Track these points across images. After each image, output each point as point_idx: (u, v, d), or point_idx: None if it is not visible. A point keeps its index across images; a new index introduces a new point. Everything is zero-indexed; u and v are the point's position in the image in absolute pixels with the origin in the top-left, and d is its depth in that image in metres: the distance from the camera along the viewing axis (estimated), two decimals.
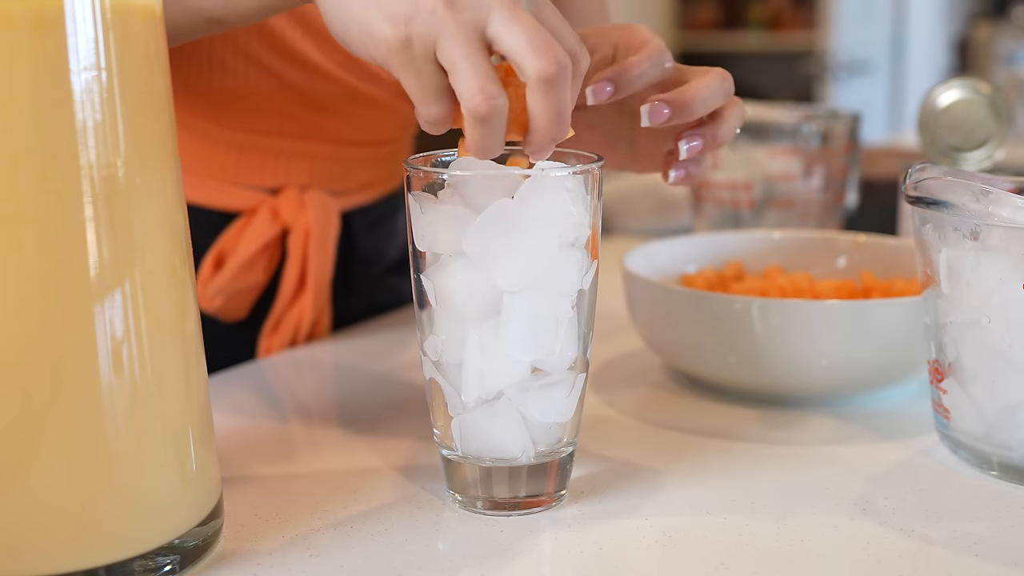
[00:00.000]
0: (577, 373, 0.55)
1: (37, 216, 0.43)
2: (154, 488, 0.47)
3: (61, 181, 0.43)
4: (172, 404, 0.48)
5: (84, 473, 0.45)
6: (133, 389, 0.46)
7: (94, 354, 0.45)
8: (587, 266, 0.54)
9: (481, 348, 0.52)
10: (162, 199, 0.47)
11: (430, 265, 0.53)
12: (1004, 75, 2.18)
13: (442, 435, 0.55)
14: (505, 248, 0.51)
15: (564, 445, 0.56)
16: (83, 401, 0.45)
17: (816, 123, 1.05)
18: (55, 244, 0.44)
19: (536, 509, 0.55)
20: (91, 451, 0.45)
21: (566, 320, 0.53)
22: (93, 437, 0.45)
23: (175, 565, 0.49)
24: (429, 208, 0.53)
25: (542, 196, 0.51)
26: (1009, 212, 0.55)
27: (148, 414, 0.47)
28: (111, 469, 0.46)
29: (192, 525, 0.49)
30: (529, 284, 0.52)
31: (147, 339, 0.46)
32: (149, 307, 0.46)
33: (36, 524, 0.45)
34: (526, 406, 0.53)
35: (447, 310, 0.53)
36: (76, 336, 0.44)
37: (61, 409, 0.44)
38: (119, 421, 0.46)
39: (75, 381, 0.44)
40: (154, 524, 0.48)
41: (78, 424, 0.45)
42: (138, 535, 0.47)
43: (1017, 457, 0.58)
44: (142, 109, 0.46)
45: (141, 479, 0.47)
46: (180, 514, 0.49)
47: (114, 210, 0.45)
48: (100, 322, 0.45)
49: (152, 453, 0.47)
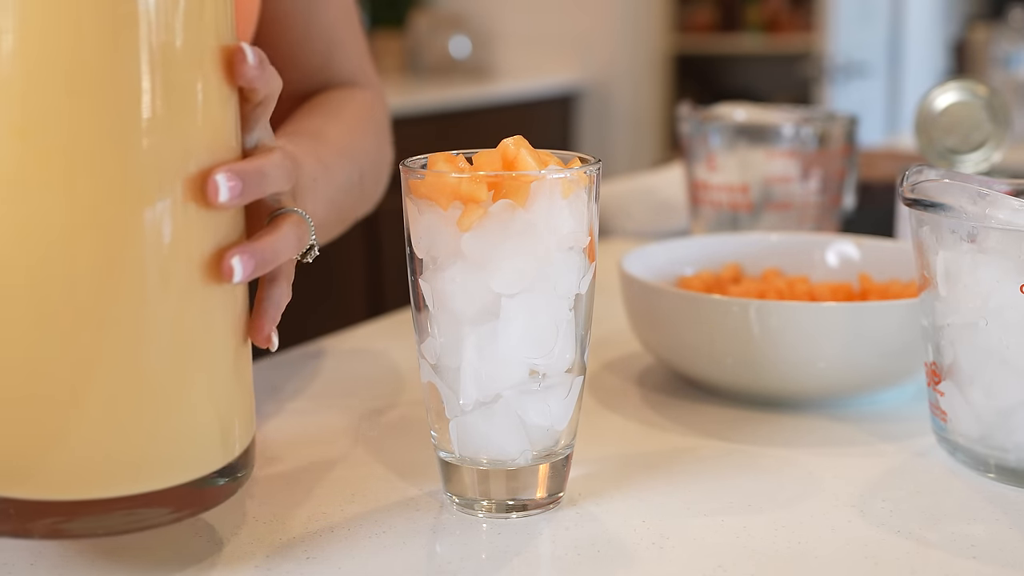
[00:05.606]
0: (575, 376, 0.55)
1: (96, 113, 0.44)
2: (198, 416, 0.48)
3: (121, 70, 0.44)
4: (219, 320, 0.48)
5: (133, 397, 0.46)
6: (180, 305, 0.46)
7: (143, 260, 0.45)
8: (585, 269, 0.54)
9: (479, 351, 0.52)
10: (221, 98, 0.48)
11: (427, 268, 0.53)
12: (1001, 77, 2.18)
13: (440, 438, 0.55)
14: (503, 252, 0.51)
15: (562, 447, 0.56)
16: (135, 316, 0.45)
17: (813, 125, 1.05)
18: (109, 134, 0.44)
19: (534, 511, 0.55)
20: (140, 375, 0.46)
21: (564, 323, 0.53)
22: (141, 361, 0.46)
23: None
24: (426, 211, 0.53)
25: (540, 200, 0.51)
26: (1006, 214, 0.55)
27: (194, 331, 0.47)
28: (160, 393, 0.46)
29: (232, 458, 0.50)
30: (527, 288, 0.52)
31: (197, 245, 0.47)
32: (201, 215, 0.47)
33: (93, 448, 0.45)
34: (524, 408, 0.53)
35: (445, 313, 0.53)
36: (131, 240, 0.45)
37: (112, 328, 0.45)
38: (165, 340, 0.46)
39: (126, 296, 0.45)
40: (200, 453, 0.48)
41: (126, 347, 0.45)
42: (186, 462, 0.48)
43: (1014, 459, 0.58)
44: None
45: (185, 406, 0.47)
46: (221, 445, 0.49)
47: (172, 108, 0.45)
48: (151, 221, 0.45)
49: (193, 383, 0.48)
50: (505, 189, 0.51)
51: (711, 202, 1.06)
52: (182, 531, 0.53)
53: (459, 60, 3.48)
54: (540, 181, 0.51)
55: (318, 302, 2.14)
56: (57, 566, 0.51)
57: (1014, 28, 2.35)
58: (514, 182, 0.51)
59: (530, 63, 3.49)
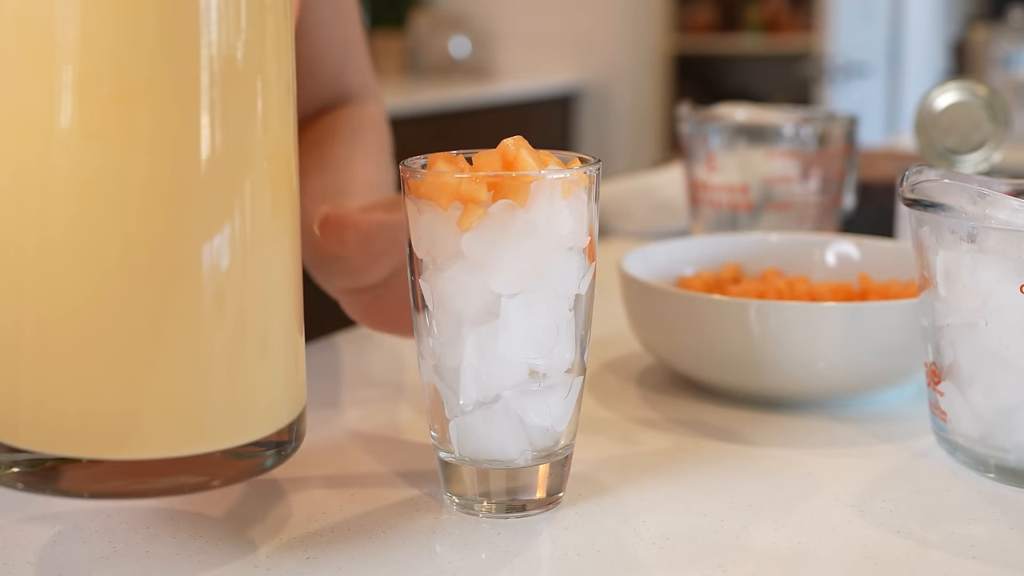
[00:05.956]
0: (575, 376, 0.55)
1: (153, 95, 0.45)
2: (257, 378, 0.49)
3: (183, 57, 0.45)
4: (275, 290, 0.50)
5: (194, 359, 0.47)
6: (244, 280, 0.48)
7: (201, 238, 0.46)
8: (585, 269, 0.54)
9: (479, 351, 0.53)
10: (280, 81, 0.49)
11: (427, 269, 0.53)
12: (1001, 77, 2.18)
13: (440, 438, 0.55)
14: (502, 252, 0.51)
15: (562, 447, 0.56)
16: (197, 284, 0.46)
17: (813, 126, 1.05)
18: (173, 122, 0.45)
19: (534, 512, 0.55)
20: (198, 339, 0.47)
21: (564, 323, 0.53)
22: (198, 329, 0.47)
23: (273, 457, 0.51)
24: (426, 211, 0.53)
25: (539, 200, 0.51)
26: (1006, 214, 0.55)
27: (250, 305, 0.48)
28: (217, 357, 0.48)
29: (286, 423, 0.51)
30: (526, 288, 0.52)
31: (252, 231, 0.48)
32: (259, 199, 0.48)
33: (150, 407, 0.46)
34: (524, 409, 0.53)
35: (445, 313, 0.53)
36: (189, 222, 0.46)
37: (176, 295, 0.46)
38: (227, 314, 0.47)
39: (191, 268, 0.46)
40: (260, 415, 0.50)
41: (186, 312, 0.46)
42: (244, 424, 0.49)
43: (1014, 459, 0.58)
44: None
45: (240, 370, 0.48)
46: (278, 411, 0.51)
47: (230, 91, 0.46)
48: (212, 204, 0.46)
49: (249, 345, 0.49)
50: (505, 189, 0.51)
51: (711, 202, 1.06)
52: (180, 531, 0.53)
53: (459, 60, 3.48)
54: (540, 181, 0.51)
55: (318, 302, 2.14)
56: (54, 566, 0.51)
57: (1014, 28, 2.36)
58: (514, 182, 0.51)
59: (530, 63, 3.49)
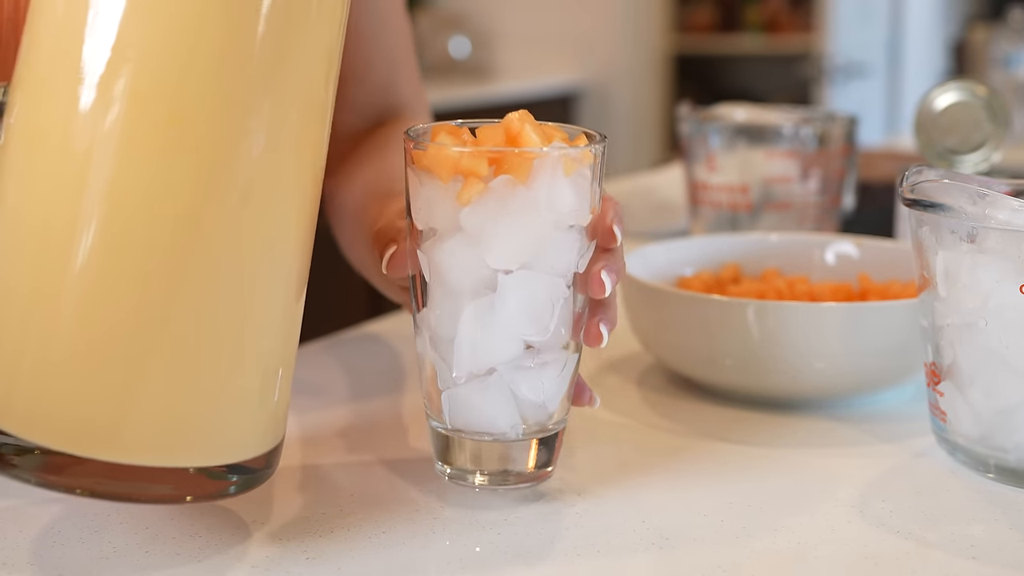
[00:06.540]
0: (570, 353, 0.54)
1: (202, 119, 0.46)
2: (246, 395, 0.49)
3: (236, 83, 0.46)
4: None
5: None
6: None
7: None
8: (585, 248, 0.54)
9: (473, 325, 0.52)
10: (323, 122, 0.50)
11: (426, 240, 0.53)
12: (1001, 78, 2.18)
13: (432, 409, 0.55)
14: (501, 227, 0.51)
15: (554, 423, 0.55)
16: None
17: (813, 126, 1.05)
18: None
19: (524, 484, 0.55)
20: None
21: (561, 301, 0.53)
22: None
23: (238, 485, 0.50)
24: (427, 183, 0.52)
25: (541, 177, 0.51)
26: (1006, 215, 0.55)
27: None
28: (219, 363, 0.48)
29: (263, 451, 0.51)
30: (524, 264, 0.52)
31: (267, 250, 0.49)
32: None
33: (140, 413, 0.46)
34: (517, 384, 0.53)
35: (441, 286, 0.53)
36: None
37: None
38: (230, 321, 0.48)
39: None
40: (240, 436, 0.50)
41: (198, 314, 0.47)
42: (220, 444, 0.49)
43: (1014, 460, 0.58)
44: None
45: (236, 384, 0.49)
46: (256, 436, 0.51)
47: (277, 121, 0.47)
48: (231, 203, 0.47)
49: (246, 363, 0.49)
50: (506, 165, 0.51)
51: (711, 202, 1.06)
52: (180, 531, 0.53)
53: (459, 60, 3.48)
54: (542, 158, 0.51)
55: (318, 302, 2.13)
56: (54, 567, 0.51)
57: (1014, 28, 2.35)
58: (516, 158, 0.51)
59: (530, 63, 3.49)
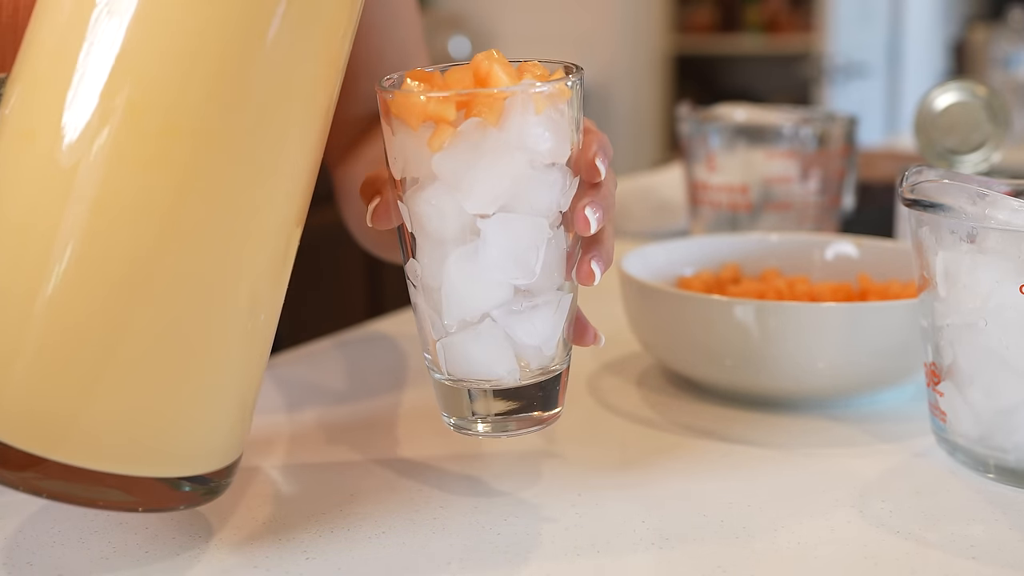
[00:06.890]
0: (564, 293, 0.53)
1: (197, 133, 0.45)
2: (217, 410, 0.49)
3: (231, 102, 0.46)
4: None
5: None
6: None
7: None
8: (568, 185, 0.52)
9: (459, 272, 0.51)
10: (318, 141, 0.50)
11: (406, 190, 0.52)
12: (1001, 78, 2.18)
13: (431, 359, 0.54)
14: (475, 172, 0.50)
15: (555, 365, 0.54)
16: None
17: (813, 126, 1.05)
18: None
19: (529, 429, 0.54)
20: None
21: (545, 242, 0.52)
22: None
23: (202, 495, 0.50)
24: (399, 131, 0.51)
25: (512, 117, 0.50)
26: (1005, 215, 0.55)
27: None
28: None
29: (224, 464, 0.51)
30: (502, 207, 0.51)
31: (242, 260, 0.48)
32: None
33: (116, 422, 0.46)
34: (511, 328, 0.52)
35: (424, 235, 0.52)
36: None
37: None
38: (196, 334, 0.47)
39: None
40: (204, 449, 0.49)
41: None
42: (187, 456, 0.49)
43: (1013, 460, 0.58)
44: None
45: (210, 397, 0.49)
46: (221, 450, 0.50)
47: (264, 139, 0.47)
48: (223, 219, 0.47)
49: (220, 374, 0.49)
50: (475, 107, 0.49)
51: (711, 202, 1.06)
52: (180, 531, 0.53)
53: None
54: (512, 97, 0.49)
55: (317, 302, 2.14)
56: (54, 567, 0.51)
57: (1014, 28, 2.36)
58: (484, 99, 0.49)
59: None
